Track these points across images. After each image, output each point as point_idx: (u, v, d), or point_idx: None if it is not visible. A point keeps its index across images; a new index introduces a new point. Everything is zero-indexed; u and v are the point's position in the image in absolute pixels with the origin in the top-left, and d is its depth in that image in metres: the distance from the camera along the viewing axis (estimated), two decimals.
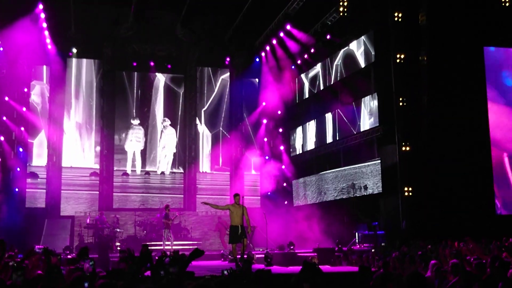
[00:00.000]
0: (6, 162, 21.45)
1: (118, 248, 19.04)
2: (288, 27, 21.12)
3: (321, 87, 21.86)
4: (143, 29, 21.62)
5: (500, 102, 18.52)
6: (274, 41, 22.45)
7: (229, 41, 23.04)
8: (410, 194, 16.76)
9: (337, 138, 20.55)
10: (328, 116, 21.10)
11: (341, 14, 18.80)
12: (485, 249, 12.22)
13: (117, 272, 6.99)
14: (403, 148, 16.93)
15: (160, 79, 24.24)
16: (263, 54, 23.92)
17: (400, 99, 17.12)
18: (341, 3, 18.32)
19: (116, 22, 20.93)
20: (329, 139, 21.21)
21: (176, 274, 6.89)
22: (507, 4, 17.43)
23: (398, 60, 17.09)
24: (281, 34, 21.75)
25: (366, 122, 18.66)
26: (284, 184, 24.38)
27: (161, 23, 21.55)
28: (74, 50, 22.43)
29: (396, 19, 17.17)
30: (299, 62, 22.97)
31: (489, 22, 17.45)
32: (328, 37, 20.56)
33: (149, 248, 9.76)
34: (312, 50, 21.86)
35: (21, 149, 21.84)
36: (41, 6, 18.99)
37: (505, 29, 17.84)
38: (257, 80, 24.83)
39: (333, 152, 21.15)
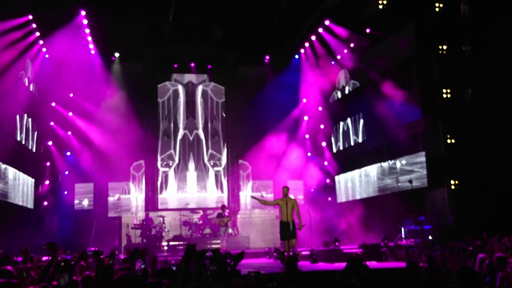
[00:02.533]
0: (54, 166, 22.12)
1: (165, 248, 19.37)
2: (327, 22, 20.97)
3: (361, 82, 21.66)
4: (182, 32, 21.84)
5: None
6: (313, 37, 22.35)
7: (267, 39, 23.00)
8: (457, 187, 16.46)
9: (380, 132, 20.30)
10: (370, 111, 20.79)
11: (380, 7, 18.61)
12: None
13: (166, 272, 7.12)
14: (448, 141, 16.64)
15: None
16: (302, 51, 23.83)
17: (444, 90, 16.84)
18: None
19: (156, 26, 21.21)
20: (372, 133, 20.99)
21: (216, 271, 6.97)
22: None
23: (440, 52, 16.81)
24: (320, 30, 21.62)
25: (408, 115, 18.35)
26: (327, 180, 24.26)
27: (199, 25, 21.70)
28: (117, 55, 22.86)
29: (437, 9, 16.89)
30: (339, 57, 22.73)
31: None
32: (368, 30, 20.29)
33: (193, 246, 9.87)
34: (352, 45, 21.60)
35: (68, 153, 22.41)
36: (83, 13, 19.41)
37: None
38: (296, 77, 24.68)
39: (376, 146, 20.90)
